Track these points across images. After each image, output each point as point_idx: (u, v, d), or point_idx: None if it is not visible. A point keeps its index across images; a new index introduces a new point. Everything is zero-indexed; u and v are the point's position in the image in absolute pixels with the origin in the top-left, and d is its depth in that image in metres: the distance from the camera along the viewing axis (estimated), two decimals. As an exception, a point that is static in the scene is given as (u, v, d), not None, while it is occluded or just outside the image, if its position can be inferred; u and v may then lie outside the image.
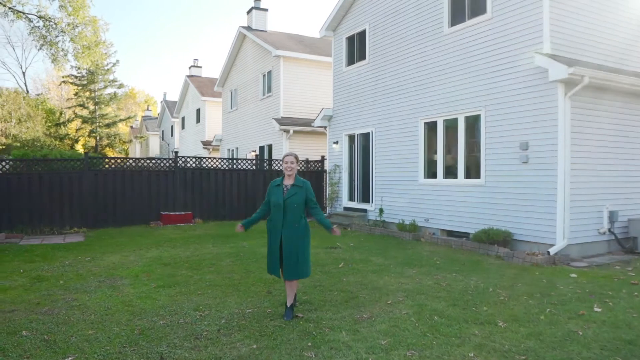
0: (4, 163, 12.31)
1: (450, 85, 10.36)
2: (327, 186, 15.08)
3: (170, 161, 14.53)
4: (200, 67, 30.76)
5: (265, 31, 20.48)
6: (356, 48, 13.73)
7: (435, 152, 10.88)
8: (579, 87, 7.98)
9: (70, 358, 4.10)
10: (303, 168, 15.99)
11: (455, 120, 10.32)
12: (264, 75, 19.00)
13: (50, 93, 44.00)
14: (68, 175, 12.71)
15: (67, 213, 12.70)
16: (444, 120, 10.62)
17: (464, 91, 10.01)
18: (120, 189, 13.40)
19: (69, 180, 12.71)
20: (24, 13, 18.27)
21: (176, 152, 14.80)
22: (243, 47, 21.15)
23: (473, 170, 9.97)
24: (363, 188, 13.48)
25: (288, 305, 5.15)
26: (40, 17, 18.60)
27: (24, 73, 55.17)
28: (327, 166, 15.26)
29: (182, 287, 6.52)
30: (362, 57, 13.43)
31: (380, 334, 4.55)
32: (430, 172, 11.08)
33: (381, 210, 12.16)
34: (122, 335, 4.63)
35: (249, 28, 20.47)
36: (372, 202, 12.94)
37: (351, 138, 14.04)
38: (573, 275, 7.03)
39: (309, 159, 16.38)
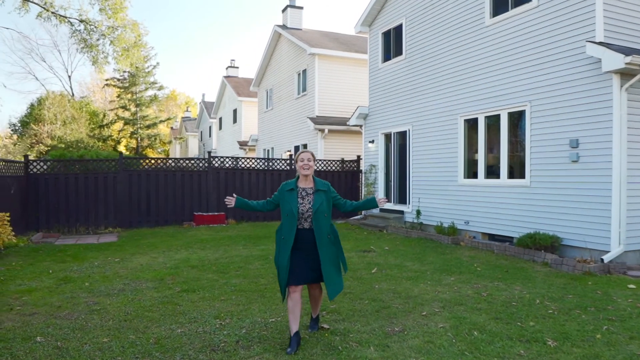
0: (42, 164, 12.49)
1: (492, 80, 9.74)
2: (363, 187, 14.63)
3: (204, 161, 14.44)
4: (237, 67, 30.85)
5: (301, 29, 20.21)
6: (392, 43, 13.23)
7: (476, 151, 10.28)
8: (637, 78, 7.25)
9: (79, 369, 3.87)
10: (338, 168, 15.60)
11: (497, 117, 9.69)
12: (299, 74, 18.73)
13: (95, 96, 45.33)
14: (103, 176, 12.79)
15: (102, 213, 12.77)
16: (485, 117, 10.00)
17: (507, 85, 9.38)
18: (154, 189, 13.39)
19: (104, 180, 12.78)
20: (66, 17, 18.68)
21: (209, 152, 14.69)
22: (278, 46, 20.96)
23: (517, 170, 9.32)
24: (400, 189, 12.97)
25: (313, 316, 4.73)
26: (81, 21, 18.98)
27: (69, 77, 57.33)
28: (363, 166, 14.82)
29: (206, 291, 6.26)
30: (399, 52, 12.92)
31: (413, 350, 4.11)
32: (471, 172, 10.47)
33: (418, 212, 11.62)
34: (137, 344, 4.37)
35: (284, 27, 20.25)
36: (409, 203, 12.41)
37: (387, 137, 13.55)
38: (631, 286, 6.35)
39: (345, 159, 15.98)
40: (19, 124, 29.29)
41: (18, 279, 7.10)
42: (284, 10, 20.82)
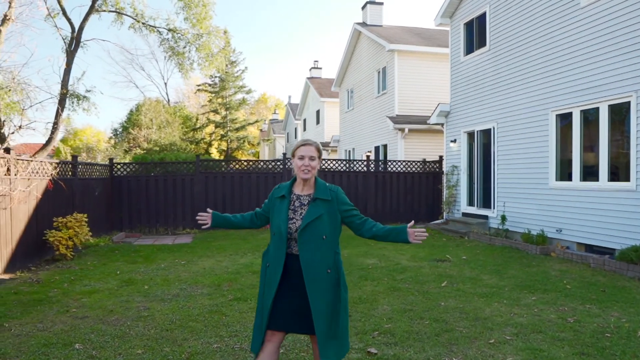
0: (125, 166, 13.06)
1: (589, 69, 8.49)
2: (444, 189, 13.69)
3: (279, 163, 14.33)
4: (320, 68, 30.80)
5: (381, 26, 19.55)
6: (475, 34, 12.19)
7: (570, 150, 9.06)
8: None
9: (101, 384, 3.67)
10: (419, 169, 14.77)
11: (595, 110, 8.43)
12: (379, 72, 18.08)
13: (190, 101, 47.78)
14: (181, 178, 13.10)
15: (180, 214, 13.09)
16: (581, 111, 8.76)
17: (607, 74, 8.11)
18: (229, 191, 13.49)
19: (182, 182, 13.09)
20: (155, 27, 19.59)
21: (284, 154, 14.54)
22: (358, 44, 20.46)
23: (620, 172, 8.03)
24: (484, 192, 11.91)
25: None
26: (169, 30, 19.80)
27: (165, 84, 61.11)
28: (445, 167, 13.87)
29: (257, 301, 5.92)
30: (482, 43, 11.86)
31: (469, 390, 3.43)
32: (564, 174, 9.26)
33: (503, 218, 10.54)
34: (169, 358, 4.11)
35: (363, 24, 19.71)
36: (493, 207, 11.33)
37: (470, 135, 12.52)
38: None
39: (426, 160, 15.10)
40: (120, 129, 31.60)
41: (86, 279, 7.28)
42: (363, 7, 20.28)
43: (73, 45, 16.88)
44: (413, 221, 3.05)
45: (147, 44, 46.86)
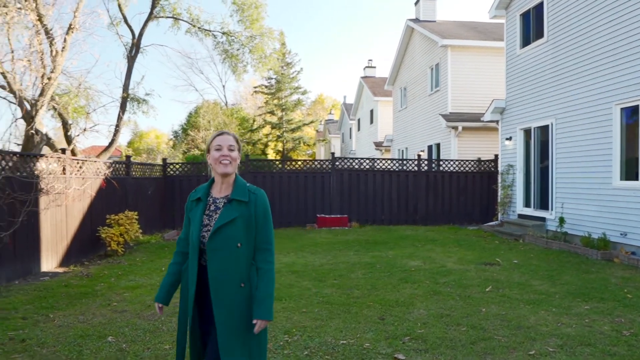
0: (177, 166, 13.44)
1: (658, 57, 7.78)
2: (500, 189, 13.07)
3: (327, 162, 14.25)
4: (374, 67, 30.44)
5: (434, 21, 19.00)
6: (532, 25, 11.54)
7: (636, 146, 8.34)
8: None
9: (124, 379, 3.71)
10: (474, 169, 14.20)
11: (665, 103, 7.71)
12: (432, 69, 17.58)
13: (247, 103, 48.80)
14: (231, 177, 13.28)
15: (230, 213, 13.28)
16: (649, 104, 8.04)
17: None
18: (278, 191, 13.56)
19: (232, 181, 13.27)
20: (210, 31, 20.08)
21: (332, 154, 14.45)
22: (411, 41, 20.01)
23: (693, 170, 7.29)
24: (541, 192, 11.24)
25: None
26: (223, 33, 20.25)
27: (223, 86, 62.73)
28: (500, 166, 13.25)
29: (291, 301, 5.86)
30: (539, 35, 11.20)
31: (499, 404, 3.16)
32: (629, 172, 8.54)
33: (562, 220, 9.88)
34: (194, 356, 4.10)
35: (416, 20, 19.25)
36: (551, 209, 10.67)
37: (527, 132, 11.86)
38: None
39: (481, 159, 14.50)
40: (180, 131, 32.77)
41: (132, 275, 7.50)
42: (416, 3, 19.81)
43: (133, 51, 17.62)
44: (256, 321, 2.38)
45: (206, 48, 48.42)
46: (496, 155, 13.84)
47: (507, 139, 12.61)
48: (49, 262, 7.59)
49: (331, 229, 12.97)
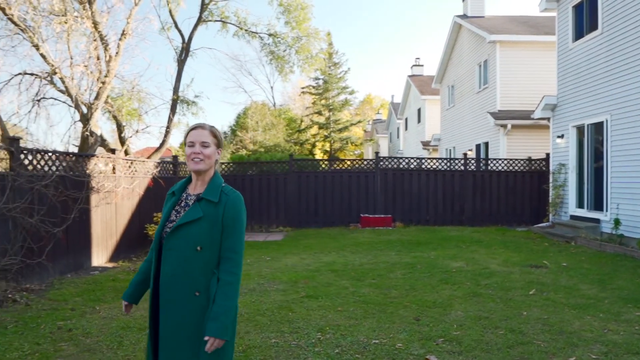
0: (222, 166, 13.75)
1: None
2: (551, 189, 12.55)
3: (371, 162, 14.16)
4: (422, 65, 29.98)
5: (483, 17, 18.47)
6: (585, 17, 11.00)
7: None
8: None
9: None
10: (523, 168, 13.70)
11: None
12: (480, 66, 17.11)
13: (295, 103, 49.24)
14: (275, 177, 13.48)
15: (273, 212, 13.47)
16: None
17: None
18: (322, 190, 13.60)
19: (276, 181, 13.46)
20: (256, 33, 20.44)
21: (377, 153, 14.33)
22: (459, 37, 19.56)
23: None
24: (595, 192, 10.70)
25: None
26: (269, 35, 20.55)
27: (271, 87, 63.53)
28: (551, 165, 12.72)
29: (328, 299, 5.87)
30: (593, 27, 10.66)
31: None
32: (692, 172, 7.99)
33: (617, 222, 9.36)
34: (227, 351, 4.19)
35: (464, 16, 18.78)
36: (606, 210, 10.13)
37: (579, 130, 11.32)
38: None
39: (532, 158, 13.98)
40: (229, 132, 33.52)
41: (176, 271, 7.73)
42: (464, -1, 19.37)
43: (183, 54, 18.19)
44: (208, 339, 2.09)
45: (254, 49, 49.14)
46: (547, 154, 13.30)
47: (558, 136, 12.09)
48: (99, 257, 7.96)
49: (374, 229, 12.88)
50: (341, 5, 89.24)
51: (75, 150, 13.16)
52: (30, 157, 6.43)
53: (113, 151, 8.60)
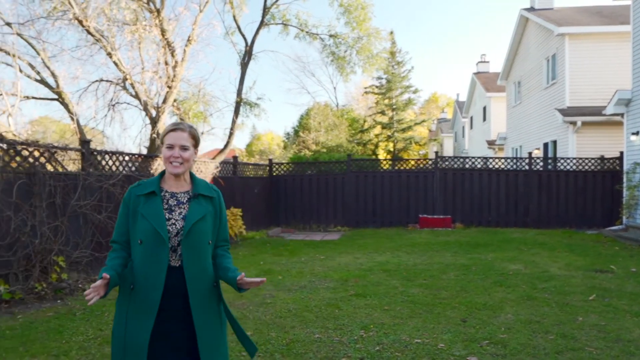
0: (281, 166, 14.07)
1: None
2: (625, 190, 11.77)
3: (430, 162, 13.94)
4: (488, 62, 28.97)
5: (552, 9, 17.59)
6: (663, 5, 10.24)
7: None
8: None
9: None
10: (595, 167, 12.94)
11: None
12: (547, 60, 16.32)
13: (359, 103, 49.20)
14: (333, 177, 13.60)
15: (331, 212, 13.60)
16: None
17: None
18: (379, 190, 13.56)
19: (334, 181, 13.58)
20: (317, 34, 20.68)
21: (436, 152, 14.06)
22: (525, 31, 18.75)
23: None
24: (674, 193, 9.93)
25: None
26: (330, 36, 20.71)
27: (334, 88, 63.80)
28: (625, 164, 11.93)
29: (376, 298, 5.90)
30: (672, 15, 9.91)
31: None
32: None
33: (698, 225, 8.65)
34: (271, 342, 4.36)
35: (531, 9, 17.97)
36: (686, 212, 9.38)
37: (657, 126, 10.55)
38: None
39: (605, 156, 13.18)
40: (292, 132, 34.10)
41: (232, 267, 8.03)
42: (531, -9, 18.54)
43: (246, 58, 18.76)
44: (243, 273, 2.26)
45: (318, 51, 49.65)
46: (621, 153, 12.48)
47: (633, 133, 11.32)
48: (163, 252, 8.41)
49: (433, 230, 12.68)
50: (406, 3, 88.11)
51: (145, 151, 13.97)
52: (99, 158, 6.94)
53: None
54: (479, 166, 13.73)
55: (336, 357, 4.01)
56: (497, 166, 13.61)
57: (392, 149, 40.34)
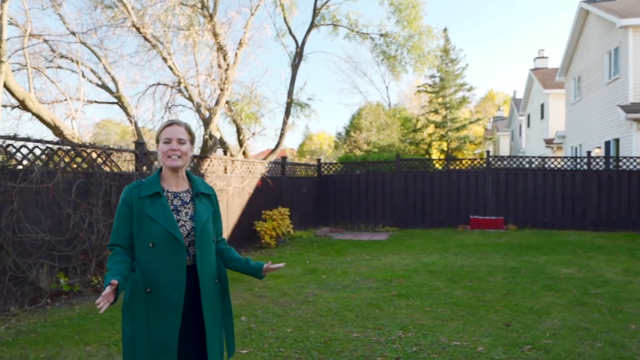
0: (330, 166, 14.16)
1: None
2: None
3: (481, 161, 13.60)
4: (546, 57, 27.77)
5: (613, 0, 16.69)
6: None
7: None
8: None
9: (245, 350, 4.19)
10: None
11: None
12: (609, 54, 15.49)
13: (412, 103, 48.55)
14: (381, 177, 13.55)
15: (380, 212, 13.55)
16: None
17: None
18: (429, 190, 13.37)
19: (382, 181, 13.53)
20: (367, 34, 20.66)
21: (487, 152, 13.68)
22: (586, 25, 17.87)
23: None
24: None
25: None
26: (380, 35, 20.65)
27: (386, 87, 63.24)
28: (695, 164, 11.15)
29: (418, 299, 5.86)
30: None
31: None
32: None
33: None
34: (309, 340, 4.45)
35: (591, 0, 17.12)
36: None
37: None
38: None
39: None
40: (343, 132, 34.11)
41: (278, 265, 8.19)
42: (593, -18, 17.65)
43: (297, 59, 19.01)
44: (270, 262, 2.47)
45: (369, 50, 49.35)
46: (692, 151, 11.68)
47: None
48: (212, 249, 8.71)
49: (484, 231, 12.37)
50: (461, 0, 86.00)
51: (198, 152, 14.48)
52: (152, 159, 7.29)
53: (225, 152, 9.36)
54: (533, 166, 13.24)
55: (372, 356, 4.04)
56: (552, 166, 13.08)
57: (445, 149, 39.51)
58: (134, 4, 12.46)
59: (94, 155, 6.21)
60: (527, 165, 13.25)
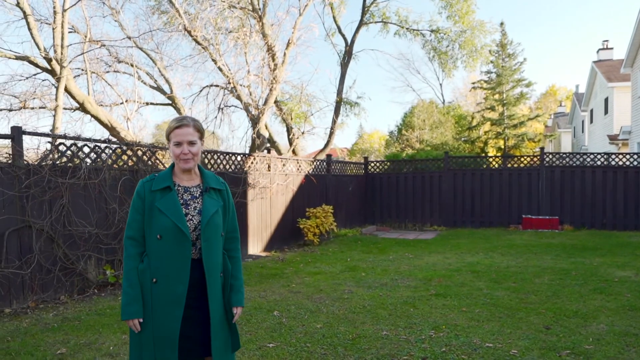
0: (377, 164, 14.04)
1: None
2: None
3: (535, 159, 13.03)
4: (611, 48, 26.15)
5: (686, -15, 15.49)
6: None
7: None
8: None
9: (271, 344, 4.24)
10: None
11: None
12: (680, 44, 14.42)
13: (467, 100, 47.27)
14: (429, 175, 13.29)
15: (427, 211, 13.29)
16: None
17: None
18: (478, 189, 12.97)
19: (430, 179, 13.26)
20: (418, 30, 20.32)
21: (542, 149, 13.08)
22: (655, 13, 16.71)
23: None
24: None
25: None
26: (431, 31, 20.25)
27: (440, 84, 61.78)
28: None
29: (457, 299, 5.71)
30: None
31: None
32: None
33: None
34: (338, 336, 4.44)
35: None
36: None
37: None
38: None
39: None
40: (395, 131, 33.68)
41: (319, 262, 8.24)
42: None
43: (346, 58, 18.99)
44: (237, 309, 2.49)
45: (421, 47, 48.43)
46: None
47: None
48: (255, 246, 8.87)
49: (537, 231, 11.85)
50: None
51: (247, 150, 14.77)
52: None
53: (268, 150, 9.50)
54: (590, 163, 12.53)
55: (398, 355, 3.97)
56: (611, 163, 12.33)
57: (502, 147, 38.16)
58: (186, 8, 12.91)
59: (139, 152, 6.47)
60: (588, 163, 12.55)
